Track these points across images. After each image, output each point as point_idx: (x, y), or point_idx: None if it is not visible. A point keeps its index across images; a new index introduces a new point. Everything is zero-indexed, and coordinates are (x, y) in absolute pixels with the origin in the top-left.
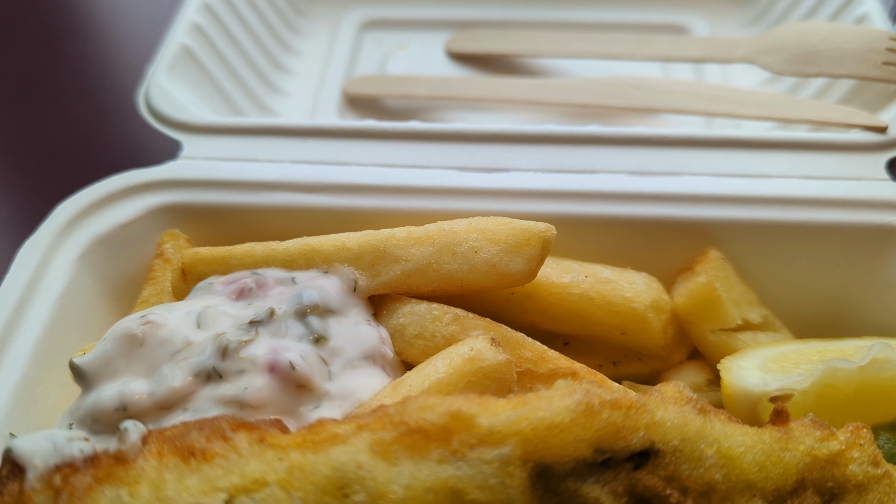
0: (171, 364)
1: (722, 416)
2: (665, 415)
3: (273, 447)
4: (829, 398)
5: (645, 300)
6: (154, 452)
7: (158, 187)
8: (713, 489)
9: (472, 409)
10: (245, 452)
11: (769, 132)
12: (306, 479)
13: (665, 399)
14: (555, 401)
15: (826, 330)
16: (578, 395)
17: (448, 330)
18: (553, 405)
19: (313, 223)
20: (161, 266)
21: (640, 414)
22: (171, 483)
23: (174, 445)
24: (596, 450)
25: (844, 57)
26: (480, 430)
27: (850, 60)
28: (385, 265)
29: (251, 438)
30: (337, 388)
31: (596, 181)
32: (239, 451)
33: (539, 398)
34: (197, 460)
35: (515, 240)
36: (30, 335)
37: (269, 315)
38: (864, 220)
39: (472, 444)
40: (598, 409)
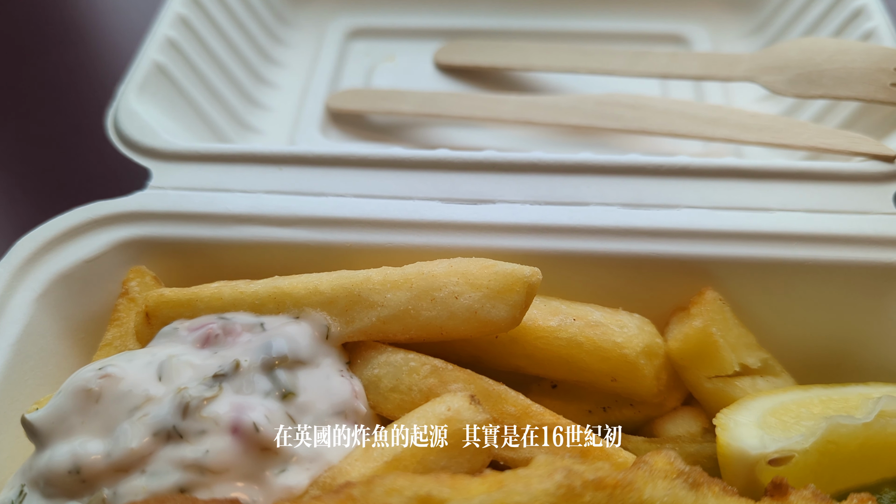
0: (130, 422)
1: (716, 488)
2: (654, 493)
3: None
4: (831, 455)
5: (637, 346)
6: None
7: (124, 220)
8: None
9: (443, 492)
10: None
11: (770, 160)
12: None
13: (654, 473)
14: (533, 483)
15: (829, 371)
16: (558, 476)
17: (426, 383)
18: (531, 488)
19: (287, 259)
20: (126, 306)
21: (627, 493)
22: None
23: None
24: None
25: (850, 77)
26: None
27: (856, 81)
28: (360, 311)
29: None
30: (305, 450)
31: (586, 214)
32: None
33: (516, 479)
34: None
35: (498, 285)
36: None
37: (234, 368)
38: (870, 258)
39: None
40: (579, 492)
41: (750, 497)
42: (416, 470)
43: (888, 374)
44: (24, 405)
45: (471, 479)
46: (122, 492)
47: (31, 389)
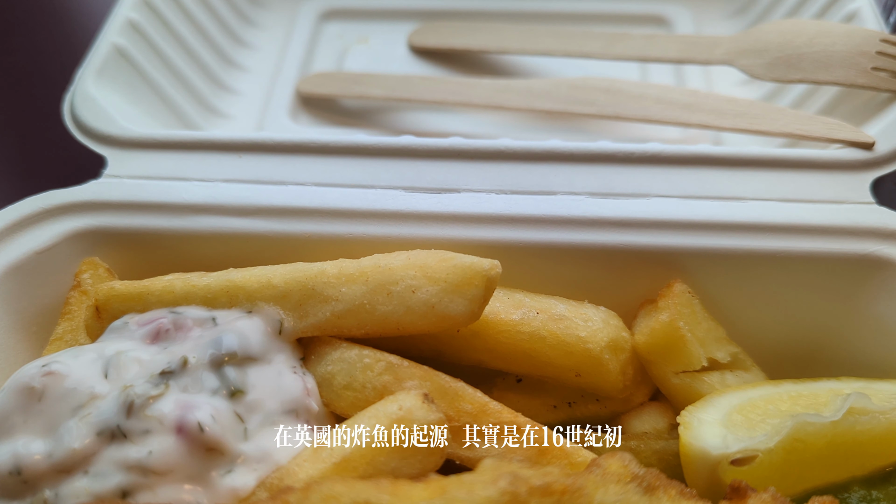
0: (73, 421)
1: (673, 492)
2: (605, 498)
3: None
4: (798, 453)
5: (601, 341)
6: None
7: (78, 210)
8: None
9: (382, 499)
10: None
11: (744, 148)
12: None
13: (607, 477)
14: (476, 489)
15: (801, 365)
16: (503, 483)
17: (380, 381)
18: (474, 495)
19: (245, 250)
20: (78, 299)
21: (576, 499)
22: None
23: None
24: None
25: (831, 61)
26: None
27: (836, 65)
28: (313, 305)
29: None
30: (253, 449)
31: (553, 204)
32: None
33: (459, 485)
34: None
35: (457, 279)
36: None
37: (182, 365)
38: (845, 249)
39: None
40: (524, 499)
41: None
42: (365, 471)
43: (862, 367)
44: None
45: (413, 484)
46: (65, 493)
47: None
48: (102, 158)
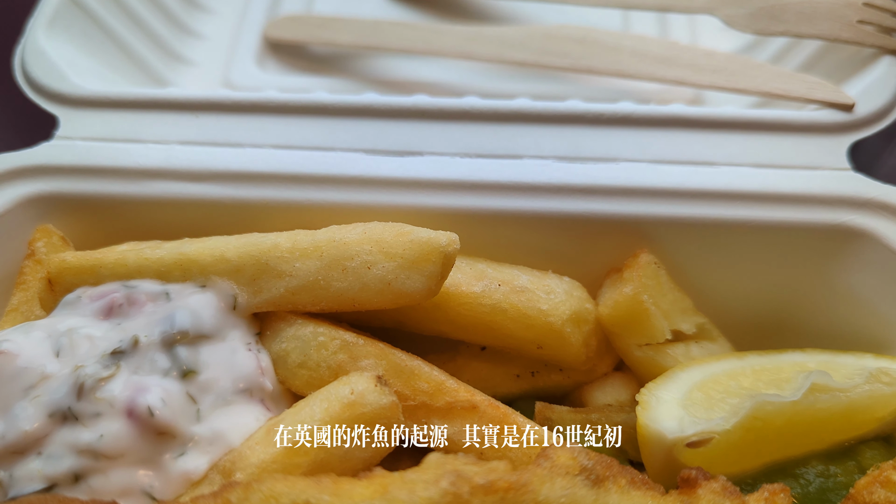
0: (24, 402)
1: (622, 481)
2: (551, 493)
3: None
4: (757, 431)
5: (563, 314)
6: None
7: (28, 175)
8: None
9: (323, 498)
10: None
11: (719, 109)
12: None
13: (554, 471)
14: (418, 489)
15: (769, 334)
16: (445, 482)
17: (335, 359)
18: (415, 495)
19: (201, 217)
20: (32, 268)
21: (521, 495)
22: None
23: None
24: None
25: (815, 13)
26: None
27: (821, 18)
28: (267, 280)
29: None
30: (205, 431)
31: (519, 170)
32: None
33: (401, 484)
34: None
35: (413, 255)
36: None
37: (133, 344)
38: (819, 218)
39: None
40: (467, 499)
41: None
42: (315, 456)
43: (829, 338)
44: None
45: (354, 482)
46: (18, 475)
47: None
48: (50, 121)
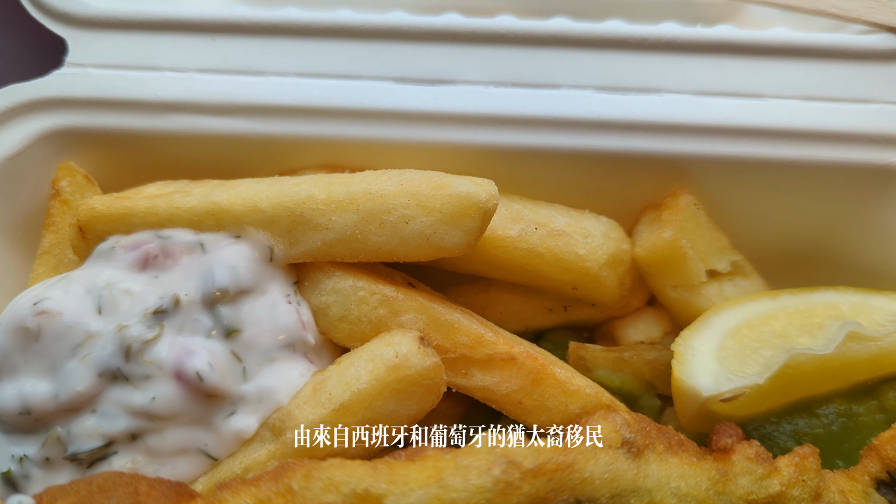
0: (73, 362)
1: (660, 447)
2: (594, 469)
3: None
4: (787, 377)
5: (600, 258)
6: None
7: (44, 107)
8: None
9: (380, 486)
10: None
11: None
12: None
13: (597, 447)
14: (471, 477)
15: (802, 269)
16: (497, 470)
17: (376, 314)
18: (468, 484)
19: (226, 152)
20: (59, 209)
21: (568, 475)
22: None
23: None
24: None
25: None
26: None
27: None
28: (303, 233)
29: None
30: (253, 389)
31: (557, 103)
32: None
33: (455, 470)
34: None
35: (452, 209)
36: None
37: (175, 304)
38: (863, 158)
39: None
40: (518, 485)
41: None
42: (363, 416)
43: (861, 274)
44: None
45: (409, 465)
46: (76, 432)
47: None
48: (59, 46)
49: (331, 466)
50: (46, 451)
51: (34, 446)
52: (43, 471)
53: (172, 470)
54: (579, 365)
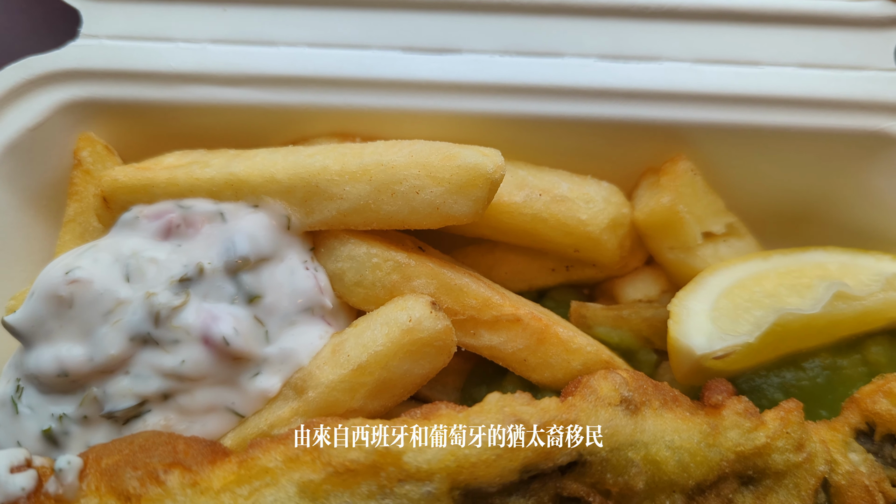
0: (106, 327)
1: (656, 403)
2: (596, 426)
3: (205, 492)
4: (776, 335)
5: (601, 223)
6: (93, 489)
7: (61, 79)
8: (635, 492)
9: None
10: (179, 498)
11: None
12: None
13: (597, 403)
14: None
15: (794, 229)
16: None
17: (389, 279)
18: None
19: (240, 122)
20: (81, 178)
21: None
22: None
23: (111, 486)
24: (523, 471)
25: None
26: (408, 467)
27: None
28: (319, 202)
29: (183, 482)
30: (276, 351)
31: (561, 71)
32: (173, 497)
33: (467, 427)
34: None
35: (461, 180)
36: None
37: (199, 272)
38: (857, 125)
39: (400, 479)
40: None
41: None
42: (380, 375)
43: (851, 234)
44: (3, 286)
45: (426, 424)
46: (111, 391)
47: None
48: (77, 14)
49: (354, 425)
50: (84, 409)
51: (72, 406)
52: (81, 428)
53: (203, 427)
54: (580, 322)
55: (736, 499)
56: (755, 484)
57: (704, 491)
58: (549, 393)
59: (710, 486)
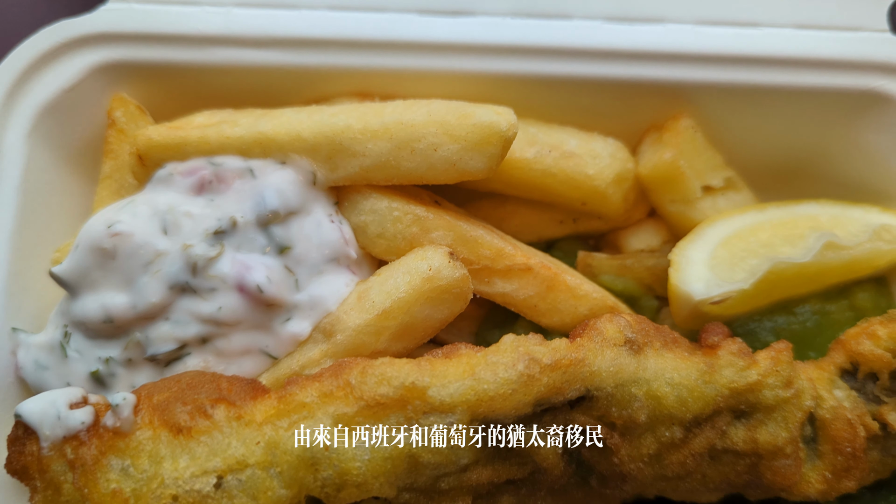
0: (146, 276)
1: (657, 344)
2: (601, 364)
3: (248, 424)
4: (770, 282)
5: (607, 177)
6: (147, 422)
7: (94, 42)
8: (637, 424)
9: (424, 380)
10: (225, 430)
11: None
12: (282, 458)
13: (603, 343)
14: (499, 371)
15: (789, 182)
16: (521, 366)
17: (409, 231)
18: (498, 376)
19: (265, 83)
20: (116, 137)
21: (579, 368)
22: (166, 460)
23: (163, 419)
24: (535, 405)
25: None
26: (432, 401)
27: None
28: (343, 159)
29: (229, 415)
30: (305, 298)
31: (568, 34)
32: (220, 429)
33: (486, 366)
34: (185, 437)
35: (476, 137)
36: (3, 228)
37: (232, 225)
38: (850, 84)
39: (425, 411)
40: (538, 377)
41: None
42: (402, 319)
43: (842, 187)
44: (45, 239)
45: (447, 363)
46: (153, 336)
47: (47, 223)
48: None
49: (382, 364)
50: (128, 353)
51: (117, 349)
52: (126, 370)
53: (239, 368)
54: (586, 271)
55: (729, 431)
56: (747, 417)
57: (701, 423)
58: (558, 336)
59: (706, 420)
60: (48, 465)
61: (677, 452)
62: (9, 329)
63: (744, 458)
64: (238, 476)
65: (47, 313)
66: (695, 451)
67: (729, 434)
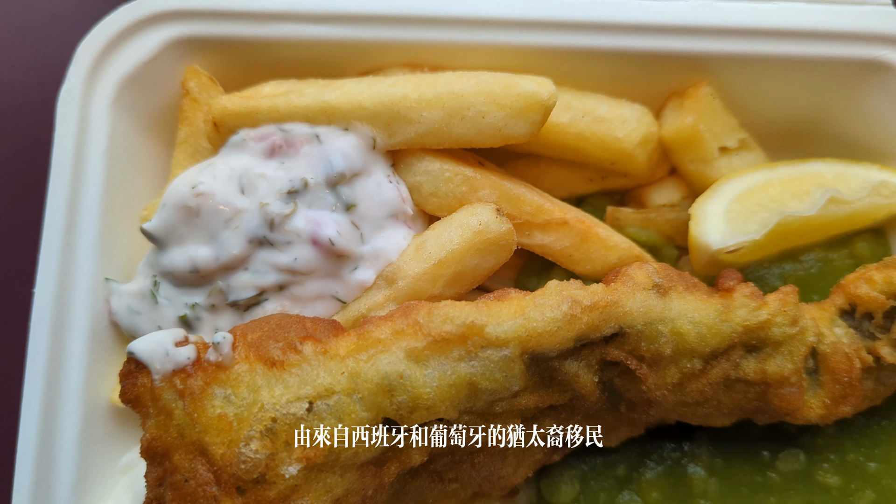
0: (227, 231)
1: (680, 288)
2: (633, 305)
3: (333, 358)
4: (779, 234)
5: (634, 140)
6: (244, 357)
7: (169, 19)
8: (663, 357)
9: (482, 319)
10: (314, 363)
11: None
12: (363, 385)
13: (634, 287)
14: (546, 312)
15: (797, 142)
16: (565, 307)
17: (459, 190)
18: (545, 315)
19: (325, 56)
20: (190, 105)
21: (614, 309)
22: (263, 389)
23: (258, 354)
24: (576, 340)
25: None
26: (489, 337)
27: None
28: (400, 126)
29: (316, 350)
30: (369, 250)
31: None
32: (309, 362)
33: (534, 307)
34: (278, 369)
35: (520, 105)
36: (94, 189)
37: (304, 185)
38: (854, 53)
39: (483, 346)
40: (580, 316)
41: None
42: (455, 268)
43: (846, 147)
44: (130, 198)
45: (501, 304)
46: (234, 284)
47: (132, 184)
48: None
49: (445, 305)
50: (212, 299)
51: (202, 296)
52: (210, 314)
53: (312, 311)
54: (614, 224)
55: (742, 363)
56: (758, 351)
57: (718, 357)
58: (591, 282)
59: (722, 353)
60: (160, 395)
61: (697, 381)
62: (102, 279)
63: (754, 386)
64: (326, 402)
65: (134, 265)
66: (712, 381)
67: (742, 366)
